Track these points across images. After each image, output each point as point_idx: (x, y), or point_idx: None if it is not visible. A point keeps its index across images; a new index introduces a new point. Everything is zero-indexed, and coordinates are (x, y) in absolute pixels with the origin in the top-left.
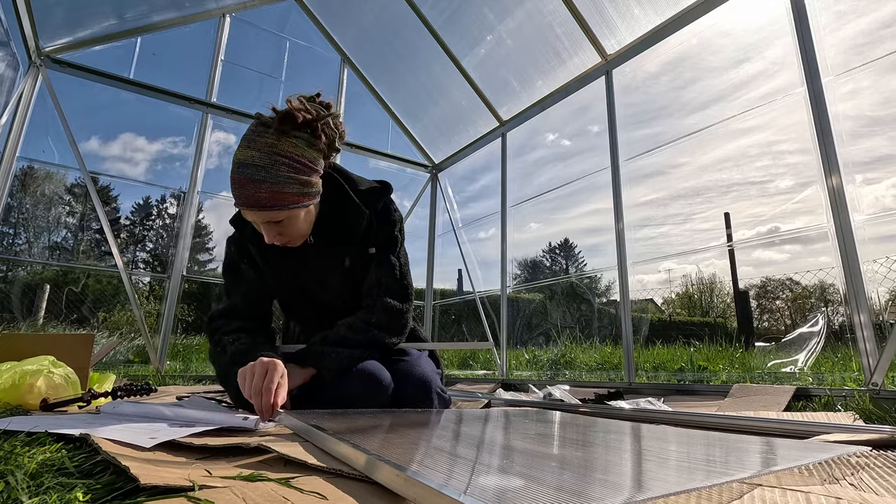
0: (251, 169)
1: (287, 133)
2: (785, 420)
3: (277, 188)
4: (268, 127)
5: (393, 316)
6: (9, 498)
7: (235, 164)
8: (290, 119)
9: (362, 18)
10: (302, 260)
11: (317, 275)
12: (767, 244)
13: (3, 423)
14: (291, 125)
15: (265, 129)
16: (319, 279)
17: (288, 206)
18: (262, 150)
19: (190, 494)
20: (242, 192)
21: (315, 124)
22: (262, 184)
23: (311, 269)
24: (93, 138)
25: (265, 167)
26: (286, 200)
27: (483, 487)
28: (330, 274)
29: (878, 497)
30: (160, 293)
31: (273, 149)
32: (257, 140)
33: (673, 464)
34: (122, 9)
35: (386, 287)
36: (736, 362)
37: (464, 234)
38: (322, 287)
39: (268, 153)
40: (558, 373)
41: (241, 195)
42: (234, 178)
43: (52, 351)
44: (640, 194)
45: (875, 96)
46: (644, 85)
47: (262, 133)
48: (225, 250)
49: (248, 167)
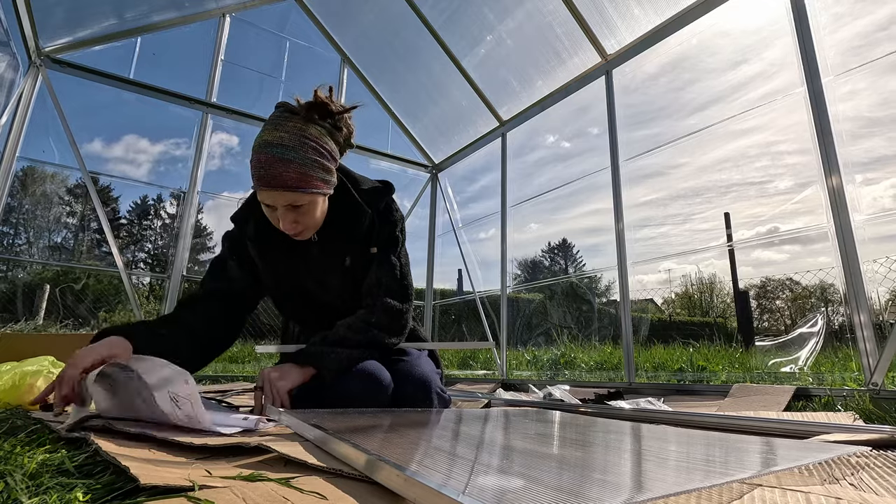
0: (279, 149)
1: (313, 120)
2: (785, 420)
3: (305, 170)
4: (294, 114)
5: (393, 316)
6: (9, 498)
7: (261, 145)
8: (318, 108)
9: (362, 18)
10: (303, 258)
11: (317, 274)
12: (767, 244)
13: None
14: (319, 114)
15: (292, 115)
16: (319, 278)
17: (312, 189)
18: (291, 133)
19: (190, 494)
20: (270, 171)
21: (339, 116)
22: (290, 164)
23: (312, 269)
24: (96, 140)
25: (294, 148)
26: (312, 184)
27: (483, 488)
28: (330, 273)
29: (878, 497)
30: (160, 293)
31: (301, 132)
32: (285, 124)
33: (673, 464)
34: (122, 9)
35: (386, 287)
36: (736, 362)
37: (464, 234)
38: (322, 287)
39: (297, 135)
40: (558, 373)
41: (268, 175)
42: (260, 158)
43: (52, 351)
44: (640, 194)
45: (873, 97)
46: (643, 86)
47: (290, 118)
48: (221, 243)
49: (276, 147)
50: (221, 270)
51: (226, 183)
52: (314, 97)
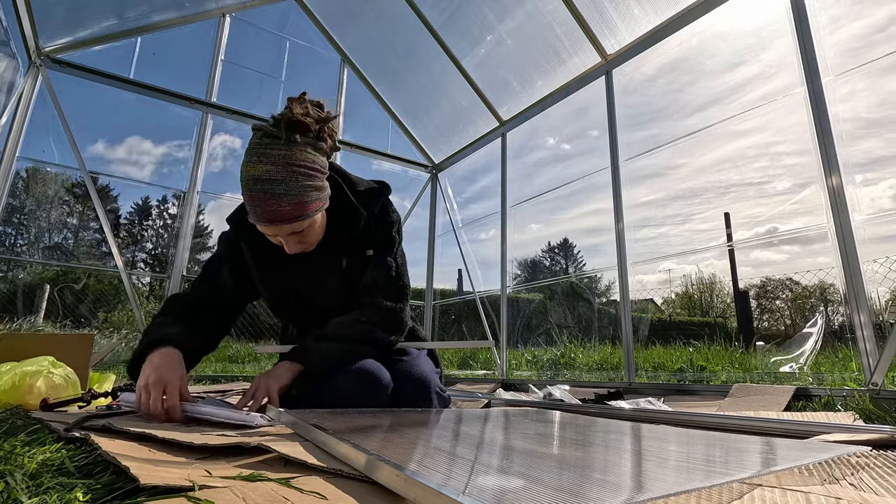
0: (270, 184)
1: (296, 141)
2: (785, 420)
3: (299, 199)
4: (276, 138)
5: (385, 314)
6: (9, 498)
7: (250, 181)
8: (297, 127)
9: (362, 18)
10: (297, 261)
11: (313, 277)
12: (766, 244)
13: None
14: (299, 132)
15: (273, 141)
16: (315, 281)
17: (309, 214)
18: (277, 164)
19: (190, 494)
20: (265, 208)
21: (320, 128)
22: (283, 198)
23: (307, 272)
24: (99, 141)
25: (284, 180)
26: (308, 209)
27: (483, 488)
28: (326, 276)
29: (878, 497)
30: (160, 293)
31: (287, 160)
32: (268, 153)
33: (673, 464)
34: (122, 9)
35: (381, 288)
36: (736, 362)
37: (464, 234)
38: (317, 289)
39: (283, 165)
40: (558, 373)
41: (264, 212)
42: (252, 195)
43: (52, 351)
44: (640, 195)
45: (871, 98)
46: (642, 87)
47: (271, 145)
48: (217, 243)
49: (265, 182)
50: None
51: (229, 184)
52: (290, 114)
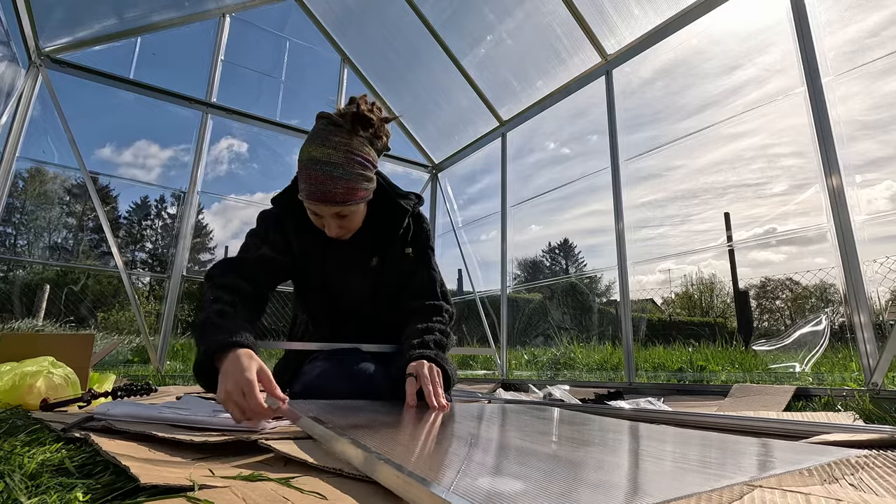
0: (329, 166)
1: (357, 133)
2: (785, 420)
3: (351, 184)
4: (339, 127)
5: (449, 317)
6: (8, 498)
7: (311, 160)
8: (362, 120)
9: (362, 18)
10: (333, 247)
11: (343, 266)
12: (765, 245)
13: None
14: (362, 126)
15: (337, 129)
16: (344, 271)
17: (358, 200)
18: (338, 149)
19: (190, 494)
20: (321, 187)
21: (379, 126)
22: (338, 180)
23: (340, 259)
24: (106, 144)
25: (342, 165)
26: (357, 195)
27: (482, 487)
28: (354, 269)
29: (878, 497)
30: (160, 293)
31: (348, 147)
32: (331, 139)
33: (672, 465)
34: (122, 9)
35: (442, 291)
36: (736, 362)
37: (464, 234)
38: (344, 280)
39: (344, 152)
40: (558, 373)
41: (319, 191)
42: (311, 173)
43: (52, 351)
44: (639, 196)
45: (866, 101)
46: (640, 90)
47: (335, 132)
48: (257, 221)
49: (326, 164)
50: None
51: (231, 186)
52: (357, 109)
